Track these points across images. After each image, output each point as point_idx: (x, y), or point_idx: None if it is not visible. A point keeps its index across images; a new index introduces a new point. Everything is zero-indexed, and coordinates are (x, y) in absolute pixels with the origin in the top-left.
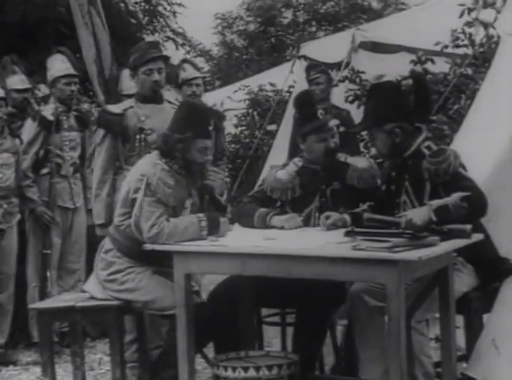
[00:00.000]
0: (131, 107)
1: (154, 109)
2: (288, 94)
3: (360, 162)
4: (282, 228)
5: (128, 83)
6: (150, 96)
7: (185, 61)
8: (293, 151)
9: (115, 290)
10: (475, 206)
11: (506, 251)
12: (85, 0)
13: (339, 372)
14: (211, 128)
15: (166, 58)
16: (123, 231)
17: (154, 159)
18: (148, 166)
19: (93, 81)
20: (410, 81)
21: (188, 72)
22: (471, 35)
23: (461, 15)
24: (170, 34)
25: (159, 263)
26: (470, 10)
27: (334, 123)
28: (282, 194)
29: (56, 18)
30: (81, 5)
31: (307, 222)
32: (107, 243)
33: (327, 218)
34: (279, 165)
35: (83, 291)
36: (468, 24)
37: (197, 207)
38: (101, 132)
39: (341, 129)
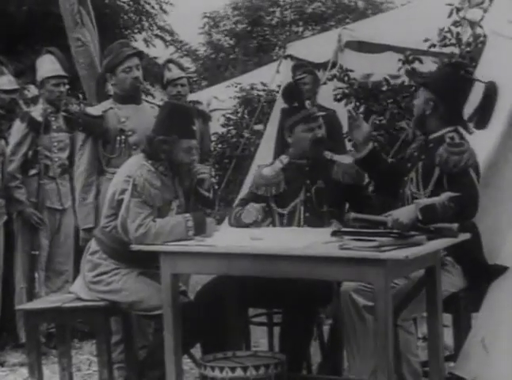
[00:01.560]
0: (111, 108)
1: (134, 110)
2: (276, 94)
3: (345, 159)
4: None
5: None
6: (130, 97)
7: (169, 61)
8: (279, 151)
9: (101, 292)
10: (464, 208)
11: (490, 250)
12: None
13: (325, 371)
14: (195, 128)
15: (140, 54)
16: (108, 233)
17: (140, 161)
18: (134, 168)
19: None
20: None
21: (173, 72)
22: (458, 34)
23: (450, 15)
24: (157, 32)
25: (145, 264)
26: (458, 10)
27: (320, 113)
28: (267, 190)
29: (52, 14)
30: (71, 5)
31: (292, 217)
32: (93, 245)
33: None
34: (266, 164)
35: (70, 293)
36: (456, 23)
37: (183, 208)
38: (81, 135)
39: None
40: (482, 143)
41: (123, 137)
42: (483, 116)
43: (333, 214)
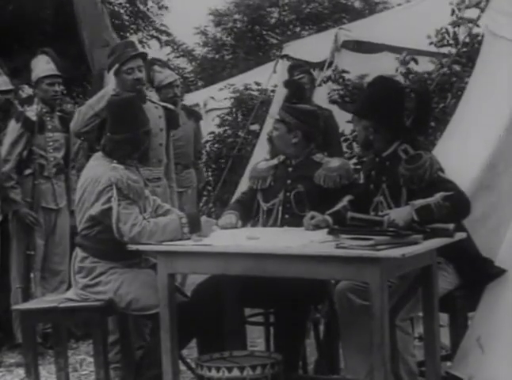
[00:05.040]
0: None
1: None
2: (271, 94)
3: (331, 162)
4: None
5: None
6: None
7: (155, 60)
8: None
9: (99, 293)
10: (458, 205)
11: (491, 251)
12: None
13: (322, 369)
14: None
15: (143, 56)
16: (94, 237)
17: (107, 164)
18: (111, 173)
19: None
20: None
21: (165, 74)
22: (455, 34)
23: (452, 13)
24: (153, 32)
25: (136, 259)
26: (459, 9)
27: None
28: (254, 182)
29: (43, 19)
30: (96, 4)
31: (270, 214)
32: (79, 253)
33: (312, 218)
34: (267, 158)
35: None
36: (454, 23)
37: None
38: None
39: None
40: (481, 145)
41: None
42: (422, 123)
43: None
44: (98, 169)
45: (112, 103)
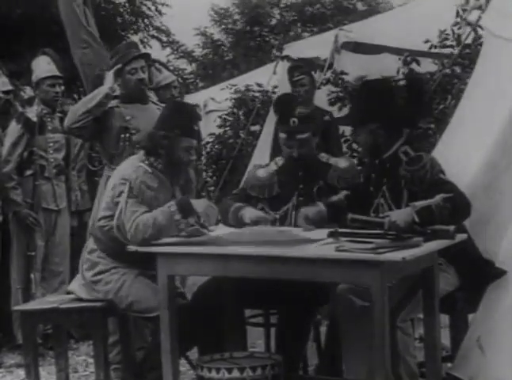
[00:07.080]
0: (117, 107)
1: (140, 109)
2: (272, 95)
3: (341, 162)
4: (256, 223)
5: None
6: (136, 96)
7: (154, 61)
8: (277, 151)
9: (100, 291)
10: (459, 207)
11: (492, 253)
12: (81, 1)
13: (323, 372)
14: (197, 128)
15: (147, 56)
16: (106, 232)
17: (136, 162)
18: (130, 170)
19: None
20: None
21: (164, 75)
22: (459, 35)
23: (457, 15)
24: (153, 33)
25: (144, 265)
26: (464, 11)
27: (301, 136)
28: (260, 192)
29: (48, 19)
30: (78, 6)
31: (283, 221)
32: (90, 243)
33: (306, 219)
34: (261, 164)
35: (68, 292)
36: (457, 24)
37: None
38: None
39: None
40: (481, 146)
41: (127, 135)
42: (415, 114)
43: None
44: (125, 165)
45: (173, 102)
